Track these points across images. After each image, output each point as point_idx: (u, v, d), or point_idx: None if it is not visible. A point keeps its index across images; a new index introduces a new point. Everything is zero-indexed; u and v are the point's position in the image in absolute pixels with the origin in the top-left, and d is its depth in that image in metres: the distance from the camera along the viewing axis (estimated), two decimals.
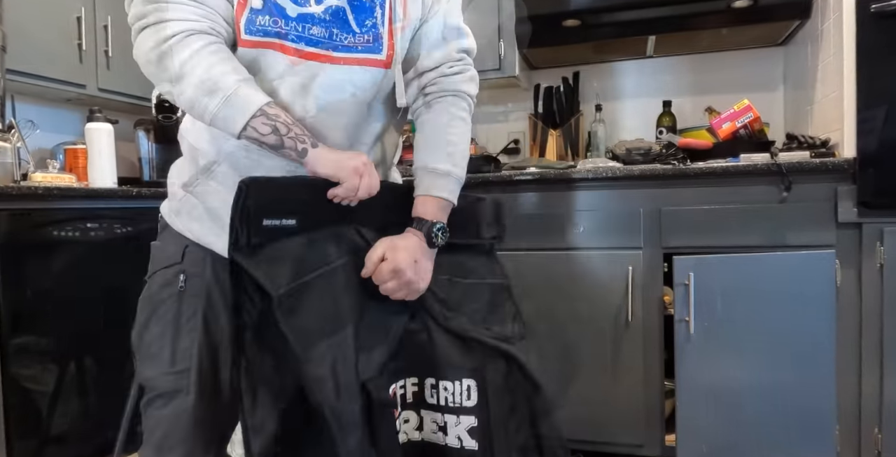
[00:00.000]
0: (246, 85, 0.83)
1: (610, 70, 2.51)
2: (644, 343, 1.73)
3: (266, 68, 0.88)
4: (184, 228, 0.97)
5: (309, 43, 0.88)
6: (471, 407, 0.95)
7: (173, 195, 1.00)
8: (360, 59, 0.91)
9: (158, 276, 0.97)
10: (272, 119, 0.83)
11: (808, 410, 1.54)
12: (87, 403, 1.86)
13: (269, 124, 0.83)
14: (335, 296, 0.88)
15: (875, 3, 1.51)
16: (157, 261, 0.99)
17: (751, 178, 1.63)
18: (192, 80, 0.82)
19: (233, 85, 0.82)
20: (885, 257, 1.54)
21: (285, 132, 0.84)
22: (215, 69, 0.82)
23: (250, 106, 0.82)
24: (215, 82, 0.81)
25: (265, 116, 0.82)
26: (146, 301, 0.98)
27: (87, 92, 2.27)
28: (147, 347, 0.96)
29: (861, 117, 1.56)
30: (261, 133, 0.83)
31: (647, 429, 1.74)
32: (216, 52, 0.83)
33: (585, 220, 1.77)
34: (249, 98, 0.82)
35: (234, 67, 0.84)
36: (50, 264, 1.78)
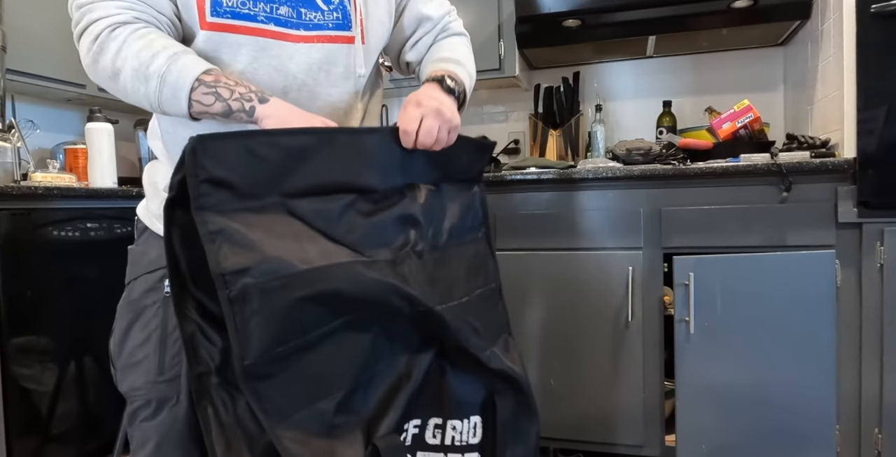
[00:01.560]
0: (177, 60, 0.79)
1: (610, 70, 2.51)
2: (644, 343, 1.73)
3: (235, 52, 0.85)
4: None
5: (278, 23, 0.87)
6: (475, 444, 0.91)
7: (153, 197, 0.97)
8: (332, 37, 0.91)
9: (140, 281, 0.94)
10: (211, 86, 0.78)
11: (808, 410, 1.54)
12: (87, 403, 1.86)
13: (210, 93, 0.78)
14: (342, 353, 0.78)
15: (875, 3, 1.51)
16: (138, 266, 0.96)
17: (751, 178, 1.63)
18: (127, 72, 0.80)
19: (163, 65, 0.78)
20: (885, 257, 1.54)
21: (228, 96, 0.79)
22: (143, 54, 0.79)
23: (185, 80, 0.78)
24: (146, 67, 0.78)
25: (203, 86, 0.78)
26: (127, 308, 0.94)
27: (87, 92, 2.27)
28: (129, 355, 0.93)
29: (861, 117, 1.56)
30: (205, 104, 0.79)
31: (647, 429, 1.74)
32: (142, 36, 0.80)
33: (585, 220, 1.77)
34: (183, 72, 0.78)
35: (163, 45, 0.80)
36: (50, 264, 1.78)
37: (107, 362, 0.99)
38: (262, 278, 0.69)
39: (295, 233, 0.74)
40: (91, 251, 1.89)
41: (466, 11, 2.30)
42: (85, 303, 1.87)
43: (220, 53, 0.85)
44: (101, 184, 2.09)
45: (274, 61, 0.87)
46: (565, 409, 1.80)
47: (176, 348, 0.92)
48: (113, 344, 0.95)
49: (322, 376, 0.76)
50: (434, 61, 1.02)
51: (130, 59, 0.79)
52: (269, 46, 0.86)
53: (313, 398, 0.75)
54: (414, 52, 1.09)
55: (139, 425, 0.93)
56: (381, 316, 0.81)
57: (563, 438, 1.82)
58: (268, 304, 0.70)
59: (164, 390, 0.92)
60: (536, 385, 1.82)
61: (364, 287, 0.77)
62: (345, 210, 0.78)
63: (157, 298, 0.93)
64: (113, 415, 1.89)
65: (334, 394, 0.76)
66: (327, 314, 0.76)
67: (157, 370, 0.92)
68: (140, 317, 0.93)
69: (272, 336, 0.71)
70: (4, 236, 1.66)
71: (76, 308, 1.84)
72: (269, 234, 0.72)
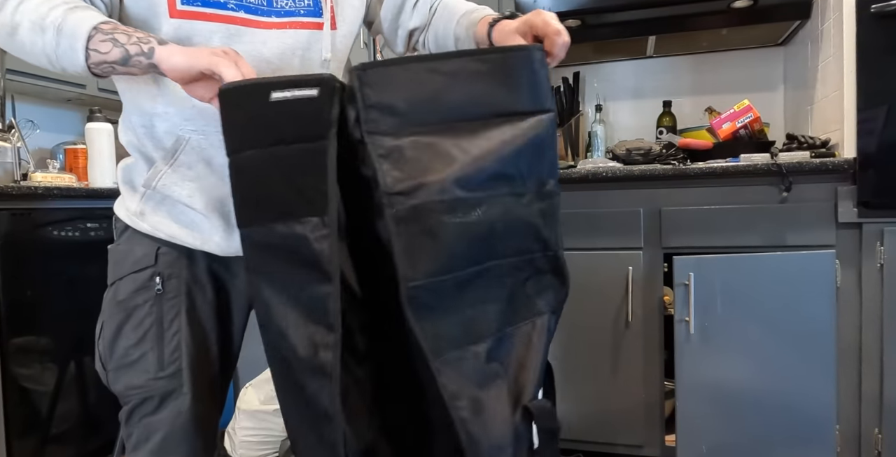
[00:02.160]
0: (74, 12, 0.77)
1: (610, 70, 2.51)
2: (644, 343, 1.73)
3: (207, 39, 0.85)
4: (152, 228, 0.93)
5: (248, 11, 0.86)
6: None
7: (130, 196, 0.95)
8: (304, 23, 0.91)
9: (127, 281, 0.93)
10: (108, 33, 0.75)
11: (808, 409, 1.54)
12: (87, 403, 1.86)
13: (107, 40, 0.75)
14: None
15: (875, 3, 1.51)
16: (123, 265, 0.94)
17: (751, 178, 1.63)
18: (25, 25, 0.78)
19: (60, 16, 0.76)
20: (885, 257, 1.54)
21: (126, 41, 0.75)
22: (41, 8, 0.77)
23: (82, 29, 0.75)
24: (43, 19, 0.77)
25: (101, 33, 0.75)
26: (115, 308, 0.93)
27: (87, 92, 2.27)
28: (123, 355, 0.92)
29: (861, 117, 1.56)
30: (103, 53, 0.75)
31: (647, 429, 1.74)
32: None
33: (585, 220, 1.77)
34: (80, 22, 0.76)
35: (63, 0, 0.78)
36: (50, 264, 1.78)
37: None
38: (430, 199, 0.71)
39: (460, 159, 0.74)
40: (91, 251, 1.89)
41: None
42: (85, 303, 1.87)
43: (192, 42, 0.84)
44: (101, 184, 2.09)
45: (248, 47, 0.86)
46: (565, 409, 1.80)
47: (174, 343, 0.92)
48: (102, 346, 0.94)
49: (475, 318, 0.77)
50: (467, 13, 1.00)
51: (29, 13, 0.77)
52: (241, 33, 0.86)
53: (468, 340, 0.76)
54: (417, 17, 1.06)
55: (140, 422, 0.93)
56: (517, 266, 0.81)
57: (563, 438, 1.82)
58: (436, 225, 0.71)
59: (167, 385, 0.92)
60: None
61: (511, 224, 0.78)
62: (500, 133, 0.78)
63: (149, 297, 0.92)
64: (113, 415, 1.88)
65: (485, 340, 0.77)
66: (481, 250, 0.76)
67: (158, 366, 0.91)
68: (131, 317, 0.92)
69: (438, 259, 0.72)
70: (4, 236, 1.66)
71: (76, 308, 1.84)
72: (436, 157, 0.73)
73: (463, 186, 0.73)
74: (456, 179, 0.73)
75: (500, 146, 0.77)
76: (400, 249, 0.70)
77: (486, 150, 0.76)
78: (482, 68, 0.77)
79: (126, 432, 0.95)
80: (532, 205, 0.80)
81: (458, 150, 0.75)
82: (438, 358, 0.73)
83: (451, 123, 0.75)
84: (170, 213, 0.92)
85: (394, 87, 0.73)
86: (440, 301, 0.73)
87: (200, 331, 0.94)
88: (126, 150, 0.96)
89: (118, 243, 0.98)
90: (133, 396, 0.93)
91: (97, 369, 0.97)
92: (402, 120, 0.73)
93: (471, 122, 0.76)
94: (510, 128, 0.78)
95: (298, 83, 0.73)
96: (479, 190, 0.75)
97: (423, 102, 0.74)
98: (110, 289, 0.95)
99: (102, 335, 0.94)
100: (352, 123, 0.74)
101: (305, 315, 0.73)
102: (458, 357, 0.74)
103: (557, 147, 0.84)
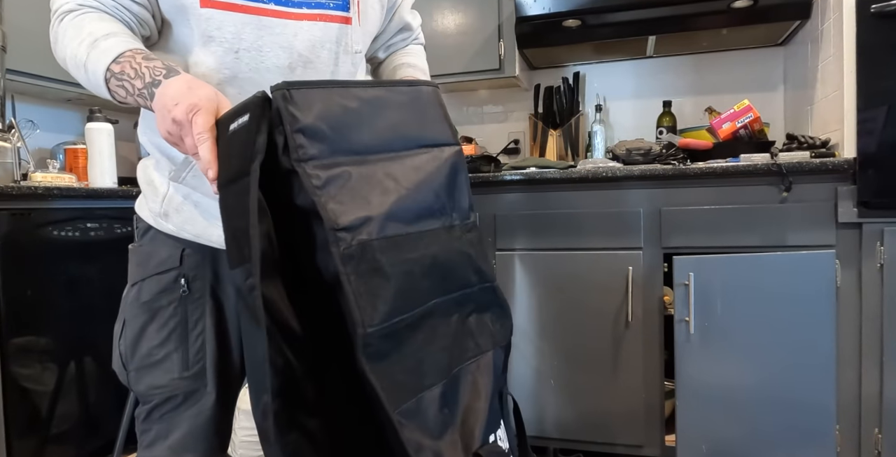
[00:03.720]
0: (95, 47, 0.78)
1: (610, 70, 2.51)
2: (644, 343, 1.73)
3: (239, 30, 0.86)
4: (177, 229, 0.93)
5: (278, 2, 0.88)
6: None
7: (153, 197, 0.96)
8: (332, 16, 0.93)
9: (152, 282, 0.94)
10: (119, 79, 0.77)
11: (808, 410, 1.54)
12: (87, 403, 1.86)
13: (120, 86, 0.77)
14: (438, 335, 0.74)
15: (875, 3, 1.51)
16: (147, 266, 0.95)
17: (751, 178, 1.63)
18: (69, 61, 0.82)
19: (84, 54, 0.78)
20: (885, 257, 1.54)
21: (132, 91, 0.77)
22: (72, 44, 0.80)
23: (99, 71, 0.77)
24: (75, 56, 0.80)
25: (114, 78, 0.77)
26: (139, 309, 0.94)
27: (87, 92, 2.23)
28: (147, 356, 0.93)
29: (861, 117, 1.56)
30: (122, 97, 0.78)
31: (647, 429, 1.74)
32: (77, 24, 0.81)
33: (585, 220, 1.77)
34: (98, 61, 0.77)
35: (90, 31, 0.79)
36: (50, 264, 1.78)
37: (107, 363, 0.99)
38: (377, 235, 0.66)
39: (395, 190, 0.71)
40: (91, 251, 1.89)
41: (466, 11, 2.30)
42: (85, 303, 1.87)
43: (223, 31, 0.85)
44: (101, 184, 2.09)
45: (279, 39, 0.88)
46: (565, 409, 1.80)
47: (198, 343, 0.94)
48: (124, 346, 0.95)
49: (426, 361, 0.71)
50: (403, 65, 1.12)
51: (69, 49, 0.81)
52: (272, 25, 0.87)
53: (422, 385, 0.71)
54: (386, 51, 1.17)
55: (161, 419, 0.95)
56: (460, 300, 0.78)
57: (563, 438, 1.82)
58: (386, 263, 0.66)
59: (191, 384, 0.94)
60: (536, 385, 1.83)
61: (450, 257, 0.75)
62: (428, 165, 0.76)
63: (174, 298, 0.93)
64: (113, 415, 1.89)
65: (438, 384, 0.72)
66: (427, 288, 0.72)
67: (182, 366, 0.93)
68: (155, 318, 0.93)
69: (391, 301, 0.66)
70: (4, 236, 1.66)
71: (76, 308, 1.84)
72: (374, 188, 0.69)
73: (403, 220, 0.70)
74: (397, 213, 0.69)
75: (429, 177, 0.75)
76: (351, 291, 0.63)
77: (416, 181, 0.73)
78: (401, 99, 0.76)
79: (143, 428, 0.96)
80: (463, 236, 0.78)
81: (392, 181, 0.71)
82: (397, 409, 0.67)
83: (379, 153, 0.72)
84: (196, 207, 0.92)
85: (319, 110, 0.68)
86: (395, 346, 0.68)
87: (223, 332, 0.96)
88: (146, 149, 0.98)
89: (140, 244, 0.98)
90: (155, 395, 0.94)
91: (115, 368, 0.98)
92: (330, 147, 0.68)
93: (397, 152, 0.74)
94: (433, 159, 0.76)
95: (241, 110, 0.67)
96: (417, 223, 0.71)
97: (350, 129, 0.70)
98: (132, 289, 0.96)
99: (124, 336, 0.95)
100: (280, 150, 0.67)
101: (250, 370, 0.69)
102: (415, 406, 0.70)
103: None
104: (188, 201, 0.92)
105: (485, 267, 0.80)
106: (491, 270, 0.82)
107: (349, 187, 0.67)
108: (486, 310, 0.82)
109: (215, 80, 0.86)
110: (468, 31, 2.30)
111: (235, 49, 0.86)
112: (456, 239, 0.77)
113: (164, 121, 0.71)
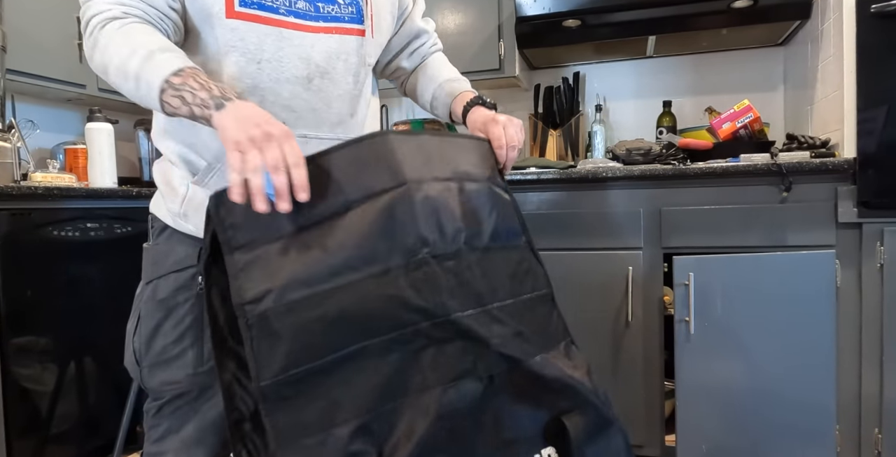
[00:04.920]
0: (151, 58, 0.79)
1: (610, 70, 2.51)
2: (644, 343, 1.73)
3: (261, 41, 0.89)
4: (196, 228, 0.95)
5: (297, 15, 0.91)
6: None
7: (172, 198, 0.97)
8: (348, 29, 0.96)
9: (169, 279, 0.95)
10: (178, 89, 0.78)
11: (808, 410, 1.54)
12: (87, 403, 1.86)
13: (176, 96, 0.79)
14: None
15: (875, 3, 1.51)
16: (163, 264, 0.96)
17: (751, 178, 1.63)
18: (112, 69, 0.82)
19: (138, 64, 0.79)
20: (885, 257, 1.54)
21: (191, 100, 0.78)
22: (123, 51, 0.81)
23: (155, 81, 0.79)
24: (125, 65, 0.80)
25: (171, 88, 0.79)
26: (155, 306, 0.95)
27: (87, 92, 2.27)
28: (162, 352, 0.95)
29: (861, 117, 1.56)
30: (174, 107, 0.80)
31: (647, 429, 1.74)
32: (125, 33, 0.82)
33: (585, 220, 1.77)
34: (155, 71, 0.79)
35: (141, 43, 0.81)
36: (50, 264, 1.78)
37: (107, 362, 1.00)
38: (274, 303, 0.74)
39: (309, 254, 0.77)
40: (91, 251, 1.89)
41: (466, 11, 2.30)
42: (85, 303, 1.87)
43: (246, 42, 0.88)
44: (101, 184, 2.09)
45: (298, 50, 0.91)
46: None
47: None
48: (138, 343, 0.97)
49: (338, 401, 0.76)
50: (449, 81, 1.16)
51: (114, 56, 0.81)
52: (291, 36, 0.91)
53: (329, 424, 0.75)
54: (410, 61, 1.19)
55: (174, 414, 0.97)
56: (401, 339, 0.79)
57: None
58: (279, 326, 0.74)
59: (205, 380, 0.96)
60: None
61: (370, 305, 0.77)
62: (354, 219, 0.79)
63: (190, 296, 0.95)
64: (113, 415, 1.90)
65: (350, 422, 0.76)
66: (338, 338, 0.77)
67: (197, 362, 0.95)
68: (171, 315, 0.95)
69: (285, 358, 0.74)
70: (4, 236, 1.66)
71: (76, 308, 1.84)
72: (285, 260, 0.76)
73: (311, 283, 0.76)
74: (303, 278, 0.76)
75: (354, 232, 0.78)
76: (251, 352, 0.74)
77: (339, 241, 0.77)
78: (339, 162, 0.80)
79: (153, 423, 0.98)
80: (398, 279, 0.78)
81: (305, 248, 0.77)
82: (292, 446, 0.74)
83: (306, 224, 0.78)
84: None
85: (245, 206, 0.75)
86: (299, 391, 0.75)
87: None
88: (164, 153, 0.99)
89: (156, 243, 0.99)
90: (168, 391, 0.96)
91: (127, 365, 1.00)
92: (254, 234, 0.77)
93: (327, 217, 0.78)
94: (361, 212, 0.79)
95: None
96: (331, 280, 0.76)
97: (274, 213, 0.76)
98: (147, 287, 0.97)
99: (138, 332, 0.97)
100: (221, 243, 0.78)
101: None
102: (322, 440, 0.74)
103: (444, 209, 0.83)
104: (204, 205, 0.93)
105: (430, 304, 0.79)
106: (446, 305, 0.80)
107: (262, 266, 0.76)
108: (449, 343, 0.81)
109: (237, 89, 0.88)
110: (468, 31, 2.30)
111: (258, 60, 0.89)
112: (387, 284, 0.78)
113: (247, 128, 0.74)
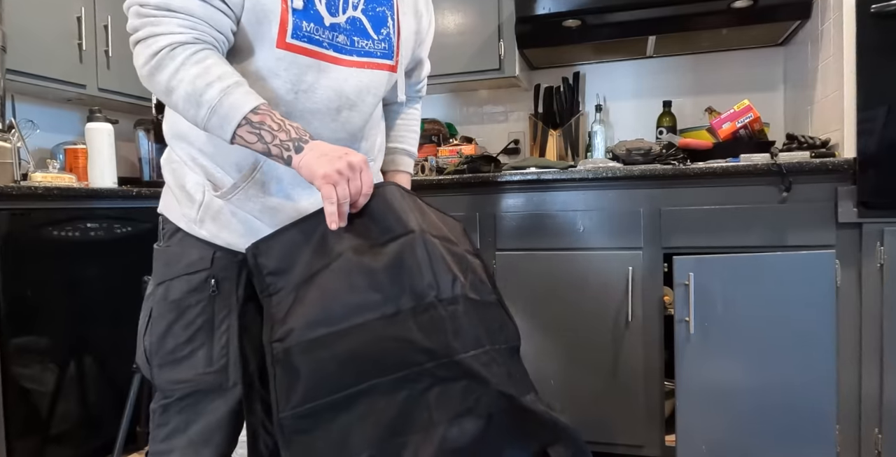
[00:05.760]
0: (229, 94, 0.83)
1: (610, 70, 2.51)
2: (644, 343, 1.73)
3: (303, 72, 0.92)
4: (210, 235, 0.96)
5: (336, 49, 0.94)
6: None
7: (188, 204, 0.98)
8: (379, 64, 1.00)
9: (181, 281, 0.97)
10: (256, 127, 0.83)
11: (809, 410, 1.54)
12: (87, 403, 1.86)
13: (253, 133, 0.84)
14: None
15: (875, 3, 1.51)
16: (175, 267, 0.98)
17: (751, 178, 1.63)
18: (181, 93, 0.84)
19: (216, 97, 0.82)
20: (885, 257, 1.54)
21: (270, 140, 0.84)
22: (198, 82, 0.83)
23: (234, 116, 0.83)
24: (200, 94, 0.83)
25: (249, 125, 0.83)
26: (167, 307, 0.97)
27: (87, 92, 2.27)
28: (173, 351, 0.97)
29: (861, 117, 1.56)
30: (248, 142, 0.85)
31: (647, 429, 1.74)
32: (199, 61, 0.83)
33: (585, 220, 1.77)
34: (233, 108, 0.83)
35: (218, 75, 0.83)
36: (50, 264, 1.78)
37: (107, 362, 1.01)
38: (296, 341, 0.84)
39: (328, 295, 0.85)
40: (91, 251, 1.89)
41: (466, 11, 2.30)
42: (85, 303, 1.87)
43: (289, 72, 0.91)
44: (101, 184, 2.09)
45: (333, 83, 0.95)
46: (565, 409, 1.80)
47: (223, 340, 0.97)
48: (149, 342, 0.99)
49: (351, 435, 0.83)
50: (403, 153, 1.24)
51: (186, 83, 0.83)
52: (329, 69, 0.94)
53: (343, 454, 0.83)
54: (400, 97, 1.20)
55: (182, 412, 0.98)
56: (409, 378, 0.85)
57: None
58: (299, 362, 0.83)
59: (215, 379, 0.97)
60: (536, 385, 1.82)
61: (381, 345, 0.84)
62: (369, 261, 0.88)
63: (202, 298, 0.96)
64: (113, 415, 1.90)
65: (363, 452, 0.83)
66: (352, 375, 0.84)
67: (207, 362, 0.97)
68: (183, 316, 0.97)
69: (303, 391, 0.83)
70: (4, 236, 1.66)
71: (76, 308, 1.84)
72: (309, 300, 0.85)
73: (329, 323, 0.84)
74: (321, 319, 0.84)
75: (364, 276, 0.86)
76: (274, 385, 0.84)
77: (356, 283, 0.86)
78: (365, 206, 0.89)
79: (159, 422, 1.00)
80: (407, 321, 0.85)
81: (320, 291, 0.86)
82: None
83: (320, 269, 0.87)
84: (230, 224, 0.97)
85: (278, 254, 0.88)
86: (315, 423, 0.83)
87: (251, 328, 0.99)
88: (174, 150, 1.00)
89: (168, 244, 1.01)
90: (177, 389, 0.98)
91: (139, 361, 1.02)
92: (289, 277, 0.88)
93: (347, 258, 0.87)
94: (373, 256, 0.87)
95: None
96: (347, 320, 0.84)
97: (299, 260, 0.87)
98: (158, 288, 0.99)
99: (150, 331, 0.99)
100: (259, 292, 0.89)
101: None
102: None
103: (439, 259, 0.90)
104: (226, 211, 0.96)
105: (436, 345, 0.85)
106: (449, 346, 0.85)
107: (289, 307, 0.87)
108: (454, 382, 0.86)
109: None
110: (468, 31, 2.31)
111: (296, 90, 0.92)
112: (396, 325, 0.85)
113: (333, 162, 0.83)
